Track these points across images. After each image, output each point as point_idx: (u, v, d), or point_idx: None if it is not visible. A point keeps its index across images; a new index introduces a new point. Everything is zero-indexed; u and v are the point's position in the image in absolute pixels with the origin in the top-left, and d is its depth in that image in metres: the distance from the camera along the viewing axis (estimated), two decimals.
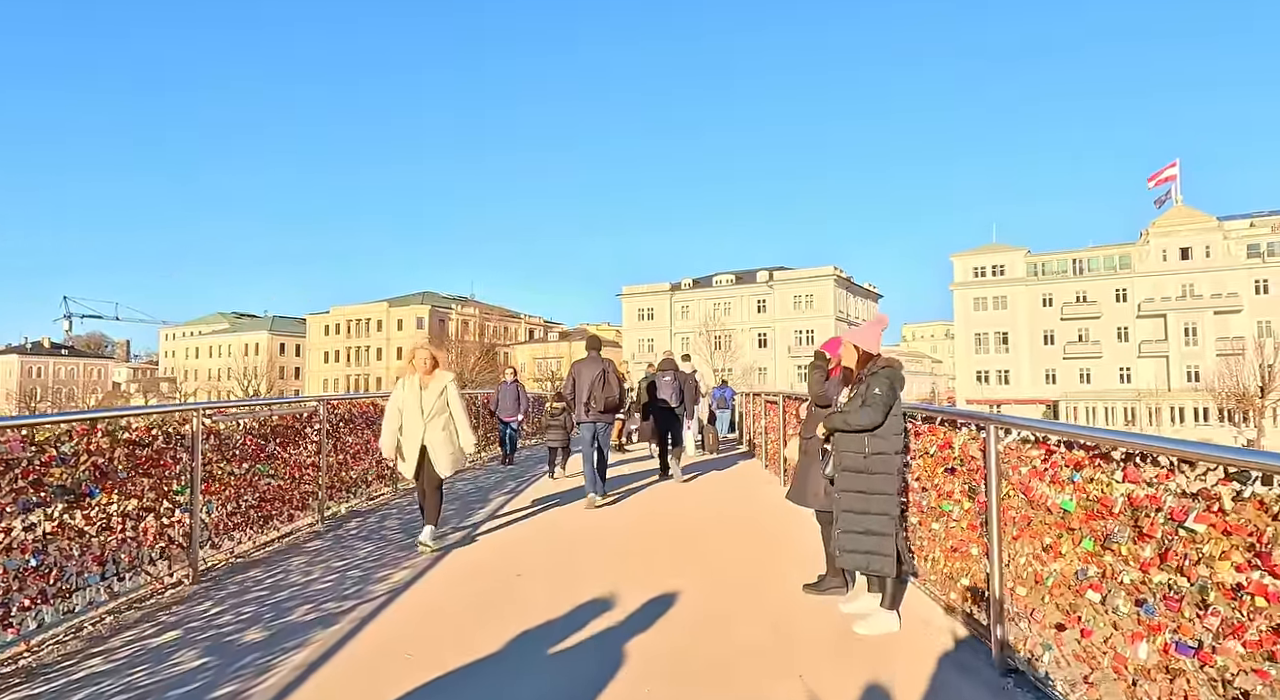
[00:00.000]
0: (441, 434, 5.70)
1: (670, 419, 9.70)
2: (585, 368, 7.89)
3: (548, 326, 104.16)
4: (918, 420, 4.31)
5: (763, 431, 10.55)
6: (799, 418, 4.92)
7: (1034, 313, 67.17)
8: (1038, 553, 2.96)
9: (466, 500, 8.07)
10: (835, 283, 72.41)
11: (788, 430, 8.32)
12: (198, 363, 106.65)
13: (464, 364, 78.43)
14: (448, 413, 5.79)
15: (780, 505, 5.89)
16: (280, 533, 5.92)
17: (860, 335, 4.07)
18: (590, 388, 7.71)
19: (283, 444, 6.01)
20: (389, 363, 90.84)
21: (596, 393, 7.68)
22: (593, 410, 7.70)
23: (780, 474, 8.68)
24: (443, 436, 5.70)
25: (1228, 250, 60.37)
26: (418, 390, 5.73)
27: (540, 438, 12.95)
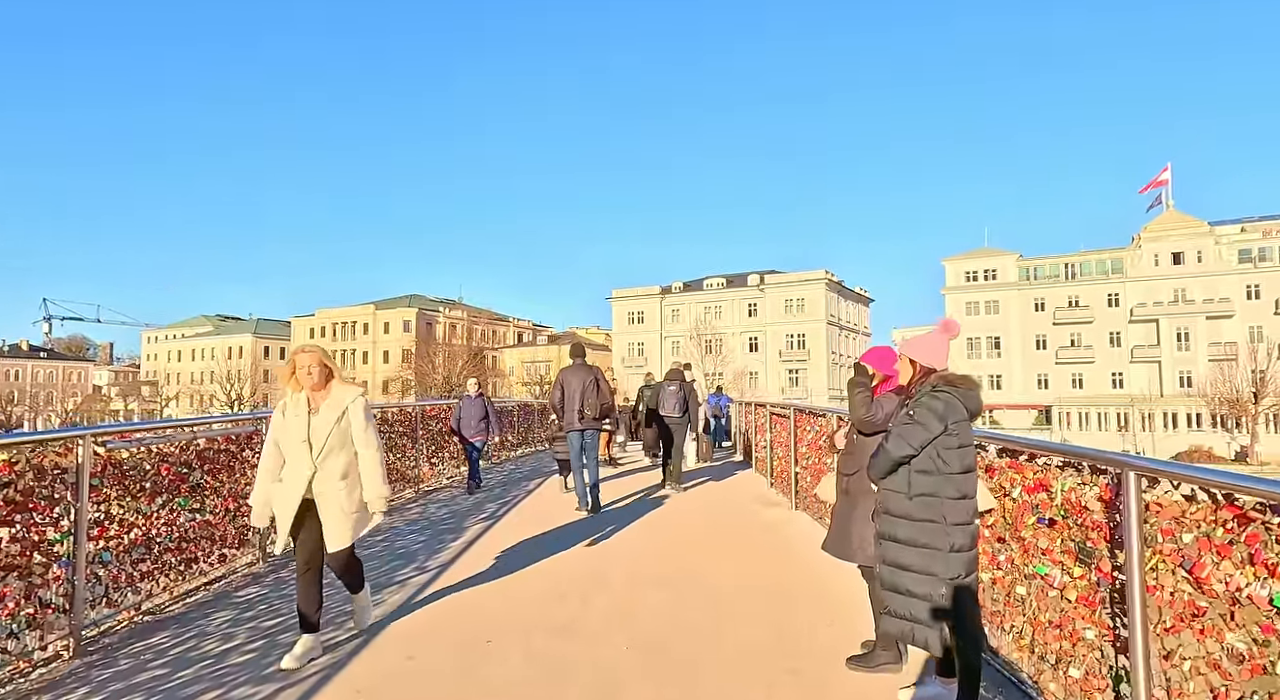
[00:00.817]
0: (338, 484, 3.78)
1: (674, 429, 9.60)
2: (573, 375, 7.73)
3: (537, 330, 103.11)
4: (990, 451, 3.40)
5: (767, 445, 9.64)
6: (828, 440, 3.97)
7: (1026, 317, 66.88)
8: (1214, 659, 2.07)
9: (438, 530, 7.14)
10: (826, 286, 71.87)
11: (800, 447, 7.44)
12: (180, 366, 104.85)
13: (451, 368, 77.36)
14: (350, 450, 3.86)
15: (796, 536, 5.01)
16: (208, 578, 4.95)
17: (920, 347, 3.13)
18: (581, 395, 7.56)
19: (213, 471, 5.04)
20: (375, 366, 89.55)
21: (590, 399, 7.55)
22: (586, 418, 7.54)
23: (792, 497, 7.80)
24: (339, 487, 3.78)
25: (1219, 255, 60.25)
26: (304, 415, 3.83)
27: (549, 448, 11.48)
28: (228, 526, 5.19)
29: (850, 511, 3.55)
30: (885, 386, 3.64)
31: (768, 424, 9.49)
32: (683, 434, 9.77)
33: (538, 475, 10.83)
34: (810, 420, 7.00)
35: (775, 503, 8.23)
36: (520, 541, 6.35)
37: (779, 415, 8.86)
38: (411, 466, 9.21)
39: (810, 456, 6.96)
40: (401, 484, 8.72)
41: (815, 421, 6.86)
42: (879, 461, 2.99)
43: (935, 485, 2.87)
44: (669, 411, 9.68)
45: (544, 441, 14.96)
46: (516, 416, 14.86)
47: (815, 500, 6.85)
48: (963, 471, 2.90)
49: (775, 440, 9.16)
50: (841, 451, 3.79)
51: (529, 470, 11.73)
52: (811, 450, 6.90)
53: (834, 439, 3.85)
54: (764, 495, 8.86)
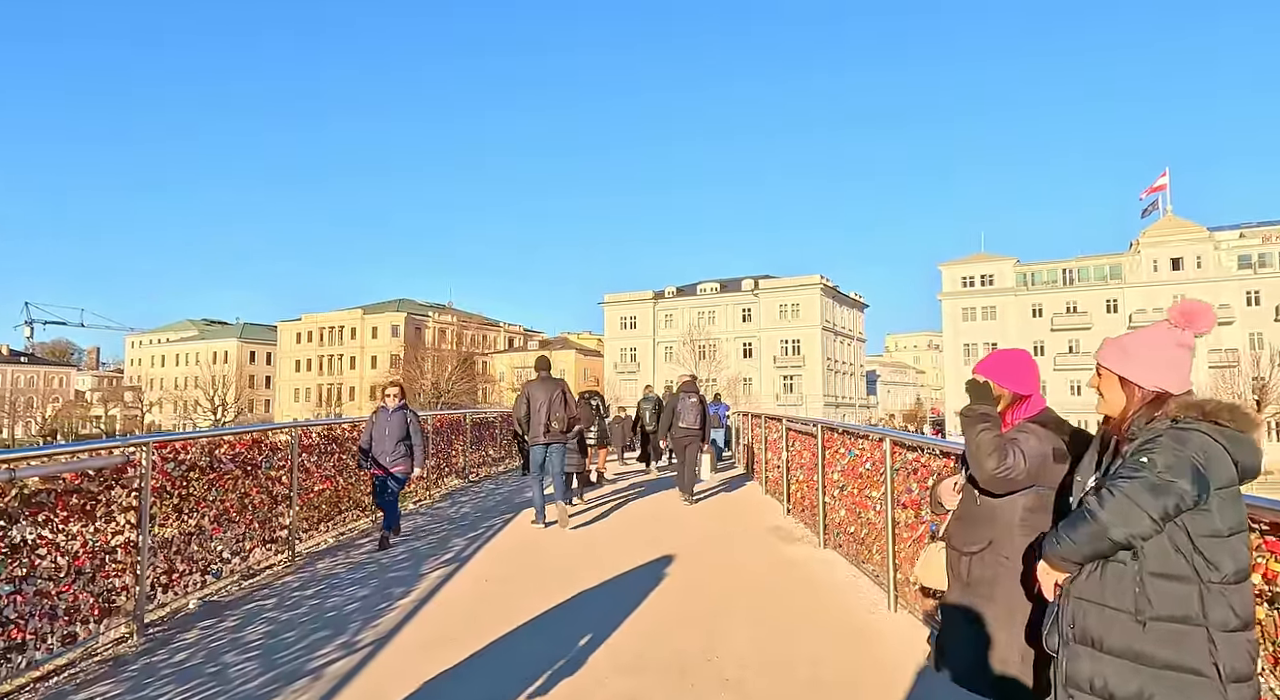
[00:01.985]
0: None
1: (689, 441, 9.46)
2: (538, 388, 7.64)
3: (528, 335, 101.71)
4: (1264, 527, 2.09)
5: (782, 466, 8.37)
6: (931, 492, 2.60)
7: (1024, 323, 65.99)
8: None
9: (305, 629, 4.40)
10: (822, 292, 70.85)
11: (830, 473, 6.17)
12: (163, 371, 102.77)
13: (440, 373, 75.86)
14: None
15: (831, 586, 3.72)
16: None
17: (1137, 353, 1.91)
18: (548, 409, 7.48)
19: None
20: (363, 372, 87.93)
21: (558, 412, 7.48)
22: (552, 431, 7.47)
23: (819, 532, 6.52)
24: None
25: (1218, 261, 59.57)
26: None
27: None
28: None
29: (980, 611, 2.25)
30: (1018, 413, 2.39)
31: (783, 441, 8.21)
32: (697, 446, 9.60)
33: (509, 507, 9.20)
34: (847, 442, 5.74)
35: (797, 537, 6.94)
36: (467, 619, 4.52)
37: (801, 432, 7.59)
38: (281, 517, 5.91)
39: (846, 485, 5.69)
40: (271, 547, 5.85)
41: (853, 443, 5.59)
42: (1075, 538, 1.73)
43: (1191, 602, 1.61)
44: (687, 423, 9.50)
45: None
46: (499, 428, 13.52)
47: (851, 539, 5.59)
48: (1238, 578, 1.64)
49: (793, 460, 7.89)
50: (953, 514, 2.49)
51: (506, 495, 10.34)
52: (848, 479, 5.63)
53: (940, 493, 2.57)
54: (782, 526, 7.57)
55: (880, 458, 4.79)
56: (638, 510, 8.88)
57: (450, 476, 10.75)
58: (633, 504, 9.36)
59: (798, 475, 7.68)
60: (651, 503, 9.48)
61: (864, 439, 5.27)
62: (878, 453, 4.95)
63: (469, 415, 11.91)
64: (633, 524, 7.90)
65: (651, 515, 8.47)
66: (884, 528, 4.69)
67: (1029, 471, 2.17)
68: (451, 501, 9.43)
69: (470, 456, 11.69)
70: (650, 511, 8.77)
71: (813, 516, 6.83)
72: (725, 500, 9.81)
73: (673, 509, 8.95)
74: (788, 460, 8.11)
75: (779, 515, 8.12)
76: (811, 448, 6.89)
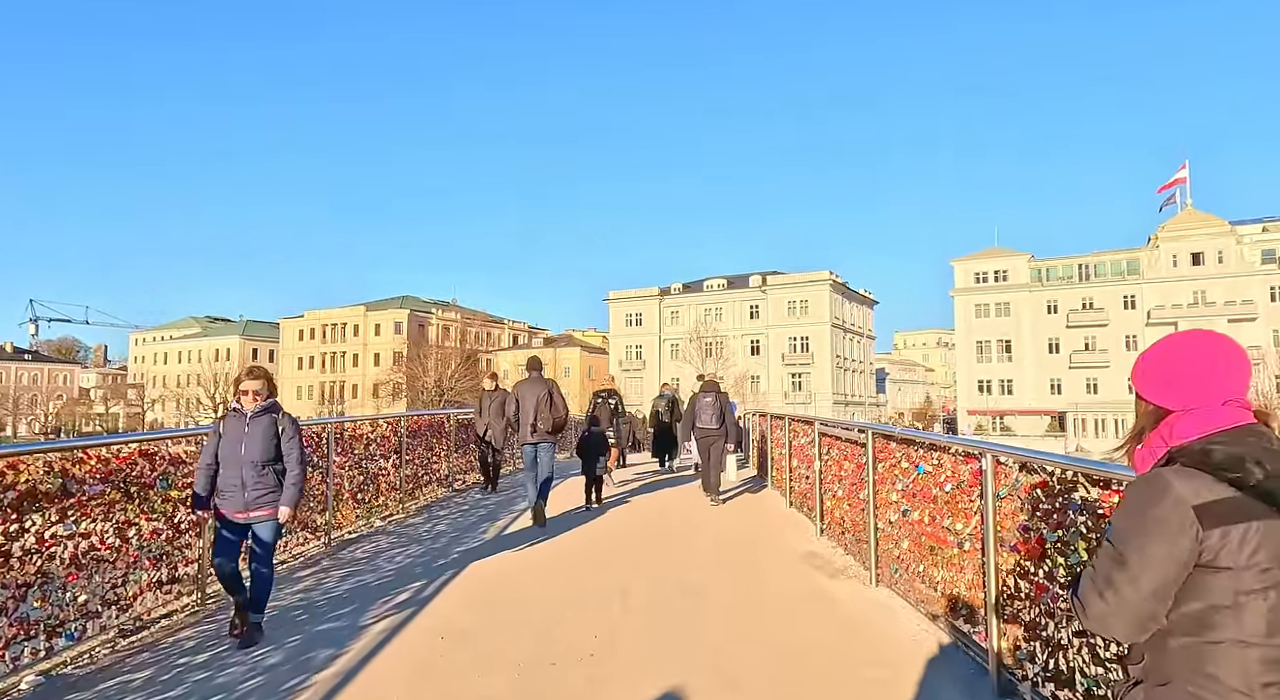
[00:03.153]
0: None
1: (712, 441, 9.36)
2: (527, 388, 7.69)
3: (532, 332, 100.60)
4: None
5: (814, 477, 7.07)
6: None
7: (1038, 320, 64.48)
8: None
9: None
10: (831, 288, 69.43)
11: (886, 492, 4.88)
12: (166, 369, 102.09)
13: (443, 371, 74.76)
14: None
15: (894, 645, 2.51)
16: None
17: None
18: (535, 409, 7.52)
19: None
20: (365, 369, 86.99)
21: (543, 413, 7.51)
22: (538, 431, 7.52)
23: (871, 566, 5.23)
24: None
25: (1241, 256, 57.89)
26: None
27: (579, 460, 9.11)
28: None
29: None
30: (1164, 439, 1.27)
31: (816, 449, 6.90)
32: (720, 446, 9.45)
33: (494, 521, 7.88)
34: (911, 454, 4.43)
35: (837, 568, 5.63)
36: None
37: (840, 439, 6.27)
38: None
39: (912, 509, 4.39)
40: (171, 590, 4.47)
41: (922, 457, 4.28)
42: None
43: None
44: (706, 423, 9.38)
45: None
46: (470, 428, 12.21)
47: (919, 580, 4.29)
48: None
49: (829, 470, 6.59)
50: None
51: (492, 507, 9.05)
52: (916, 502, 4.32)
53: None
54: (816, 551, 6.26)
55: (973, 478, 3.51)
56: (646, 521, 7.63)
57: (432, 485, 9.48)
58: (641, 512, 8.11)
59: (834, 489, 6.38)
60: (664, 511, 8.24)
61: (944, 452, 3.96)
62: (965, 471, 3.66)
63: (453, 416, 10.64)
64: (638, 542, 6.64)
65: (663, 531, 7.22)
66: (976, 574, 3.42)
67: (1136, 609, 1.30)
68: (428, 516, 8.16)
69: (455, 461, 10.43)
70: (661, 524, 7.52)
71: (859, 544, 5.53)
72: (746, 515, 8.52)
73: (689, 520, 7.71)
74: (819, 471, 6.81)
75: (809, 536, 6.81)
76: (856, 458, 5.59)
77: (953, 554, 3.79)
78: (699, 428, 9.44)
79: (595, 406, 10.64)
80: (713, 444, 9.34)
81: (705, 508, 8.83)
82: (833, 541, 6.40)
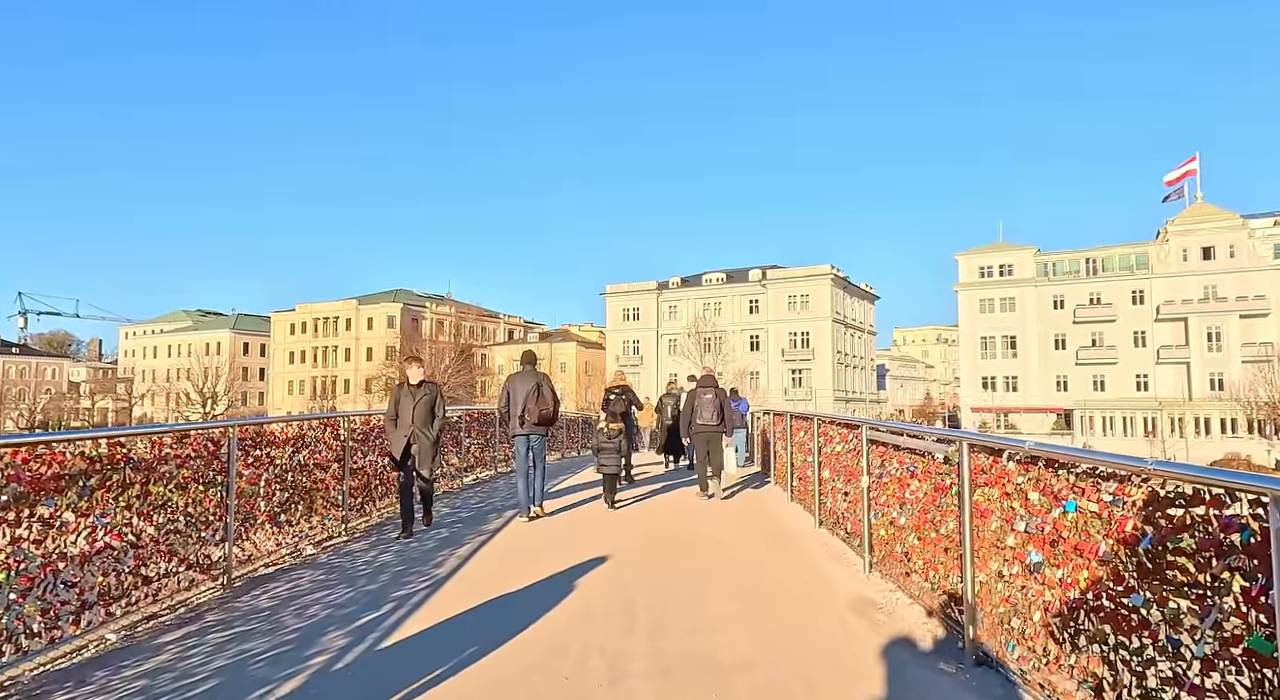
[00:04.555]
0: None
1: (711, 437, 9.28)
2: (519, 381, 7.73)
3: (528, 327, 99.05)
4: None
5: (861, 496, 5.58)
6: None
7: (1044, 315, 63.08)
8: None
9: None
10: (832, 282, 67.99)
11: (1002, 529, 3.39)
12: (156, 363, 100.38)
13: (437, 366, 73.26)
14: None
15: None
16: None
17: None
18: (525, 401, 7.55)
19: None
20: (357, 364, 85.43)
21: (531, 406, 7.52)
22: (528, 423, 7.55)
23: (965, 630, 3.76)
24: None
25: (1253, 250, 56.47)
26: None
27: (595, 456, 8.70)
28: None
29: None
30: None
31: (865, 461, 5.40)
32: (719, 442, 9.35)
33: (432, 558, 5.92)
34: (1047, 482, 2.93)
35: (904, 629, 4.14)
36: None
37: (897, 447, 4.77)
38: None
39: (1062, 568, 2.90)
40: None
41: (1069, 488, 2.78)
42: None
43: None
44: (706, 419, 9.24)
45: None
46: (462, 427, 10.72)
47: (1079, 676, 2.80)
48: None
49: (889, 492, 5.10)
50: None
51: (446, 539, 7.09)
52: (1068, 555, 2.82)
53: None
54: (870, 598, 4.74)
55: (1138, 506, 2.04)
56: (646, 535, 6.16)
57: (390, 498, 7.96)
58: (636, 524, 6.62)
59: (889, 512, 4.89)
60: (663, 524, 6.74)
61: (1109, 480, 2.45)
62: (1137, 494, 2.19)
63: None
64: (636, 576, 5.15)
65: (666, 552, 5.73)
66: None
67: None
68: (375, 540, 6.63)
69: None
70: (664, 545, 6.04)
71: (939, 594, 4.04)
72: (763, 534, 7.03)
73: (692, 526, 6.21)
74: (869, 488, 5.31)
75: (857, 574, 5.29)
76: (934, 477, 4.10)
77: (1147, 648, 2.29)
78: (698, 423, 9.28)
79: (609, 403, 10.21)
80: (711, 440, 9.22)
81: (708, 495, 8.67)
82: (890, 583, 4.89)
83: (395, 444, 6.76)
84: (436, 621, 4.21)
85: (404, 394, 6.94)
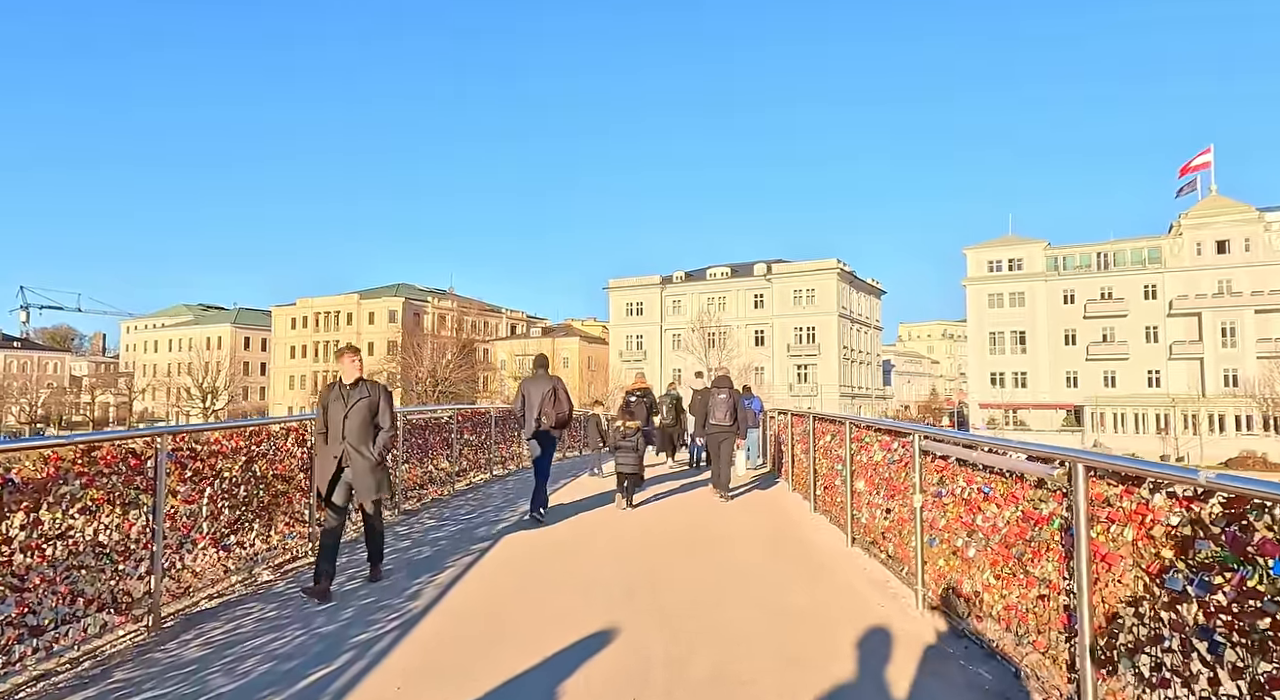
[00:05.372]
0: None
1: (723, 437, 9.24)
2: (534, 385, 7.87)
3: (530, 322, 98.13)
4: None
5: (911, 515, 4.75)
6: None
7: (1054, 310, 62.02)
8: None
9: None
10: (838, 276, 66.96)
11: (1124, 574, 2.58)
12: (156, 357, 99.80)
13: (438, 361, 72.47)
14: None
15: None
16: None
17: None
18: (540, 404, 7.69)
19: None
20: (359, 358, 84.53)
21: (547, 409, 7.67)
22: (543, 425, 7.71)
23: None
24: None
25: (1268, 243, 55.30)
26: None
27: (614, 454, 8.68)
28: None
29: None
30: None
31: (913, 473, 4.56)
32: (731, 442, 9.43)
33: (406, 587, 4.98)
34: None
35: (942, 650, 3.29)
36: None
37: (955, 460, 3.93)
38: None
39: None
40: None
41: None
42: None
43: None
44: (719, 418, 9.28)
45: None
46: (454, 429, 9.87)
47: None
48: None
49: (935, 506, 4.27)
50: None
51: (425, 564, 6.32)
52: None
53: None
54: (923, 640, 3.96)
55: None
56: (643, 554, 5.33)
57: None
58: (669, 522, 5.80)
59: (949, 539, 4.06)
60: (676, 535, 5.91)
61: None
62: None
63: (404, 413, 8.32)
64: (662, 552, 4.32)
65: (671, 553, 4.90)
66: None
67: None
68: (345, 562, 5.83)
69: (410, 473, 8.13)
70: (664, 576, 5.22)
71: (1018, 644, 3.20)
72: (802, 568, 6.20)
73: (710, 539, 5.39)
74: (920, 508, 4.47)
75: (909, 609, 4.46)
76: (1029, 497, 3.25)
77: None
78: (711, 423, 9.25)
79: (629, 405, 10.08)
80: (724, 440, 9.20)
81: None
82: (945, 621, 4.05)
83: (321, 469, 4.97)
84: (400, 679, 3.38)
85: (333, 398, 5.13)
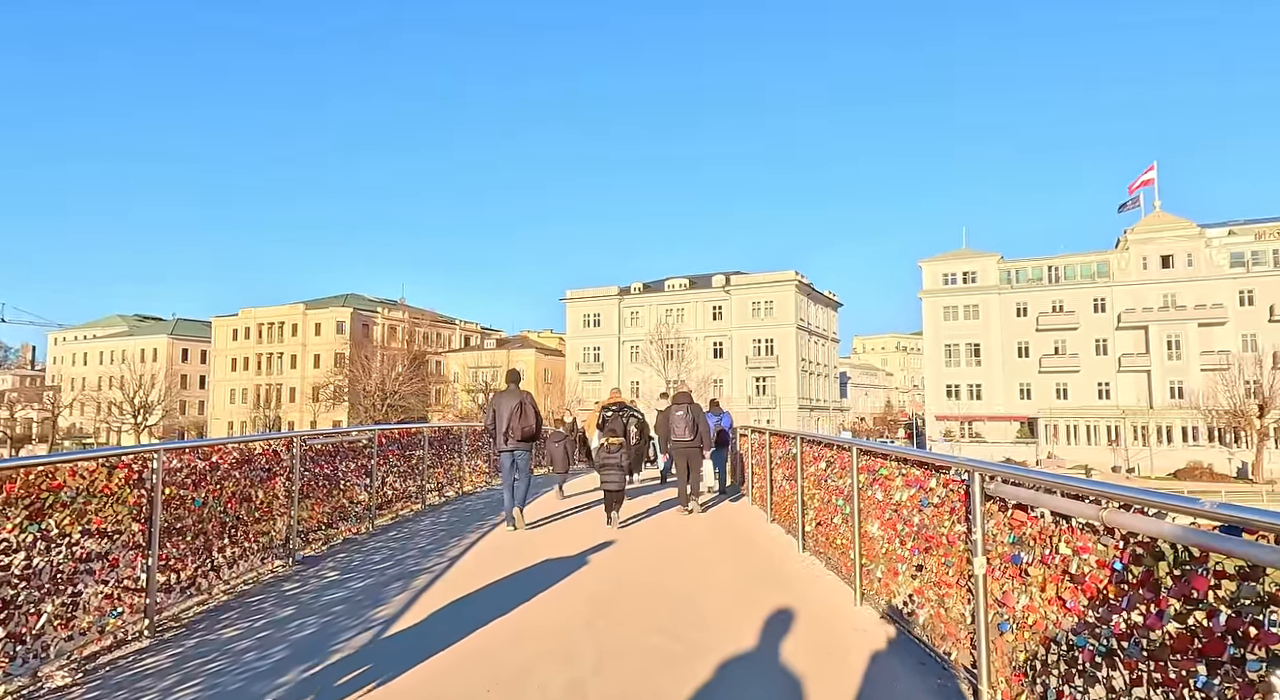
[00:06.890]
0: None
1: (689, 453, 9.37)
2: (504, 399, 8.07)
3: (485, 333, 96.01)
4: None
5: (963, 594, 3.52)
6: None
7: (1008, 323, 62.80)
8: None
9: None
10: (797, 288, 66.82)
11: None
12: (86, 370, 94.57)
13: (387, 373, 69.92)
14: None
15: None
16: None
17: None
18: (509, 418, 7.88)
19: None
20: (304, 371, 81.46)
21: (514, 423, 7.86)
22: (512, 439, 7.91)
23: None
24: None
25: (1210, 258, 56.85)
26: None
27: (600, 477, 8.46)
28: None
29: None
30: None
31: (977, 519, 3.35)
32: (698, 458, 9.56)
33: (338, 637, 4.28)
34: None
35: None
36: None
37: (1035, 509, 2.74)
38: None
39: None
40: None
41: None
42: None
43: None
44: (680, 435, 9.40)
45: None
46: (373, 453, 8.35)
47: None
48: None
49: (981, 567, 3.07)
50: None
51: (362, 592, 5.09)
52: None
53: None
54: None
55: None
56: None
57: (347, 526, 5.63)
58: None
59: (1041, 630, 2.85)
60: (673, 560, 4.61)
61: None
62: None
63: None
64: None
65: None
66: None
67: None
68: (302, 583, 4.36)
69: (314, 510, 6.65)
70: None
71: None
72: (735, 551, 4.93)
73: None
74: (984, 576, 3.27)
75: (842, 603, 3.20)
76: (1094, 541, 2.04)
77: None
78: (674, 441, 9.42)
79: (605, 422, 9.38)
80: (688, 456, 9.33)
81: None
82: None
83: None
84: None
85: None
